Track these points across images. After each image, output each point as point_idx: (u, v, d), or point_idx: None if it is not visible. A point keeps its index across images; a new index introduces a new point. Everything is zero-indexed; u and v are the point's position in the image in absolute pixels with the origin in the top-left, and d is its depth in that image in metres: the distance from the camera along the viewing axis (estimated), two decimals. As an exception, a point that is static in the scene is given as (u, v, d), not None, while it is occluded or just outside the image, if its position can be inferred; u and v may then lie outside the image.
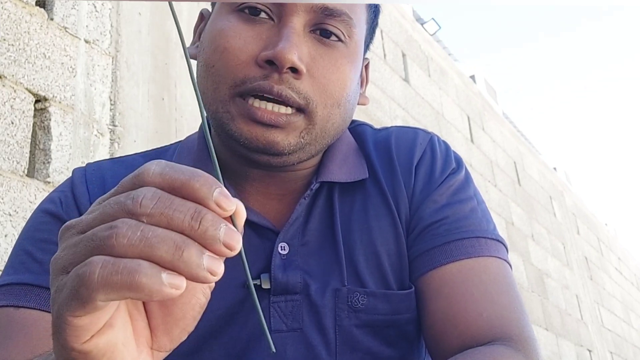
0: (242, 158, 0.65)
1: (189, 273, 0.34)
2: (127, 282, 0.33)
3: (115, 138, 1.69)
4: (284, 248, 0.65)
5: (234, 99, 0.60)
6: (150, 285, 0.33)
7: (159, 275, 0.33)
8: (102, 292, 0.34)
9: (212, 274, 0.35)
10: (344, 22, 0.63)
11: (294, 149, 0.61)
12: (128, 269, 0.33)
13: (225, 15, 0.63)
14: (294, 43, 0.59)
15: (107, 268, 0.33)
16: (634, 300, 8.45)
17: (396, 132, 0.75)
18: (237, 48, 0.60)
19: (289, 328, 0.63)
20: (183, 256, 0.34)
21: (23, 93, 1.46)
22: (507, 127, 5.51)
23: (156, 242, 0.34)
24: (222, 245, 0.35)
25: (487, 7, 54.23)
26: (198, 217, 0.35)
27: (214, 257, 0.35)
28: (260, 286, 0.63)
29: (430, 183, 0.70)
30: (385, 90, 3.36)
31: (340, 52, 0.63)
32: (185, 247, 0.34)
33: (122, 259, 0.34)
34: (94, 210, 0.37)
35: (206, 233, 0.34)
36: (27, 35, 1.50)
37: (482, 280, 0.63)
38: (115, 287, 0.33)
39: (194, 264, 0.34)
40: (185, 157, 0.70)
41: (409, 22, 4.01)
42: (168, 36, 1.99)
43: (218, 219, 0.35)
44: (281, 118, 0.59)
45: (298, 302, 0.64)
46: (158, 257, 0.34)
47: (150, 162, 0.37)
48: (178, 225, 0.34)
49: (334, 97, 0.62)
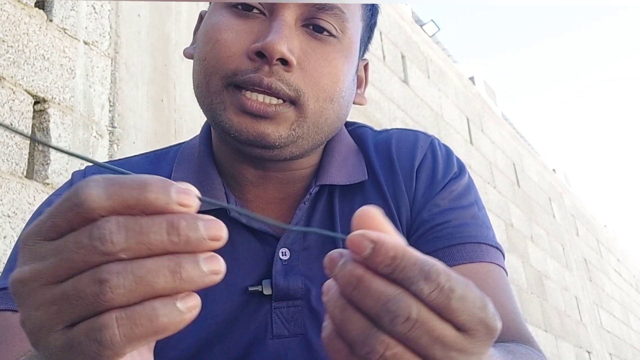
0: (239, 154, 0.65)
1: (196, 286, 0.33)
2: (151, 329, 0.32)
3: (114, 139, 1.68)
4: (285, 254, 0.65)
5: (227, 89, 0.61)
6: (172, 320, 0.32)
7: (175, 307, 0.33)
8: (129, 347, 0.32)
9: (216, 273, 0.34)
10: (336, 16, 0.63)
11: (285, 142, 0.61)
12: (146, 317, 0.32)
13: (218, 10, 0.64)
14: (283, 34, 0.59)
15: (125, 324, 0.32)
16: (633, 301, 8.45)
17: (397, 135, 0.75)
18: (229, 41, 0.61)
19: (291, 333, 0.63)
20: (183, 277, 0.33)
21: (22, 94, 1.46)
22: (506, 129, 5.51)
23: (152, 278, 0.32)
24: (209, 241, 0.34)
25: (486, 7, 54.15)
26: (173, 229, 0.33)
27: (209, 258, 0.34)
28: (261, 292, 0.63)
29: (432, 186, 0.70)
30: (385, 91, 3.36)
31: (332, 47, 0.63)
32: (180, 267, 0.33)
33: (134, 308, 0.32)
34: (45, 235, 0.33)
35: (189, 240, 0.33)
36: (26, 37, 1.50)
37: (488, 285, 0.64)
38: (141, 338, 0.32)
39: (196, 276, 0.33)
40: (186, 165, 0.70)
41: (408, 23, 4.01)
42: (167, 37, 1.99)
43: (191, 220, 0.33)
44: (270, 108, 0.59)
45: (300, 307, 0.63)
46: (161, 290, 0.32)
47: (85, 183, 0.33)
48: (160, 248, 0.33)
49: (326, 91, 0.62)
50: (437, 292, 0.34)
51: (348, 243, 0.36)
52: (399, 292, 0.34)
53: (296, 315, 0.63)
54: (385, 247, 0.35)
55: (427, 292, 0.34)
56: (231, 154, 0.67)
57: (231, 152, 0.67)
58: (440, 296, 0.34)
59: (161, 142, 1.82)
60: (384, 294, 0.34)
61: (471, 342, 0.35)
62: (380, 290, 0.35)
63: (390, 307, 0.34)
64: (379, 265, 0.35)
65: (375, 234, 0.36)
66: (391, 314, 0.34)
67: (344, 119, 0.68)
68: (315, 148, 0.66)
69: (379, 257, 0.35)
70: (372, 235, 0.35)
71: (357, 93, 0.72)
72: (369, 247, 0.35)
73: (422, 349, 0.35)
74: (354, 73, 0.68)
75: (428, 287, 0.34)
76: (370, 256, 0.35)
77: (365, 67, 0.75)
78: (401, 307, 0.34)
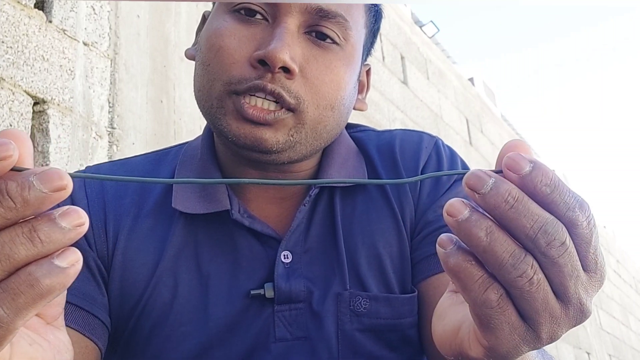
0: (239, 157, 0.65)
1: (63, 244, 0.32)
2: (35, 294, 0.32)
3: (113, 140, 1.68)
4: (287, 256, 0.65)
5: (229, 95, 0.61)
6: (54, 279, 0.32)
7: (53, 265, 0.32)
8: (19, 319, 0.32)
9: (79, 225, 0.32)
10: (339, 24, 0.62)
11: (283, 147, 0.61)
12: (24, 284, 0.32)
13: (221, 15, 0.64)
14: (286, 43, 0.59)
15: (5, 298, 0.31)
16: (633, 302, 8.45)
17: (400, 136, 0.74)
18: (231, 47, 0.61)
19: (294, 337, 0.63)
20: (43, 240, 0.32)
21: (22, 95, 1.46)
22: (505, 130, 5.51)
23: (10, 250, 0.31)
24: (53, 194, 0.32)
25: (486, 7, 54.14)
26: (2, 196, 0.31)
27: (64, 213, 0.32)
28: (264, 295, 0.63)
29: (437, 188, 0.69)
30: (384, 92, 3.36)
31: (335, 55, 0.63)
32: (36, 231, 0.32)
33: (8, 280, 0.32)
34: None
35: (28, 202, 0.31)
36: (26, 38, 1.50)
37: None
38: (28, 306, 0.32)
39: (59, 235, 0.32)
40: (189, 166, 0.70)
41: (408, 24, 4.01)
42: (167, 38, 1.99)
43: (22, 179, 0.31)
44: (269, 116, 0.59)
45: (302, 310, 0.63)
46: (26, 258, 0.32)
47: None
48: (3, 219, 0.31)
49: (327, 99, 0.62)
50: (586, 223, 0.35)
51: (507, 161, 0.36)
52: (553, 217, 0.35)
53: (299, 318, 0.63)
54: (545, 167, 0.35)
55: (582, 220, 0.35)
56: (232, 156, 0.67)
57: (231, 154, 0.67)
58: (588, 228, 0.36)
59: (160, 143, 1.81)
60: (543, 215, 0.35)
61: (587, 291, 0.37)
62: (538, 212, 0.35)
63: (548, 229, 0.35)
64: (538, 184, 0.35)
65: (532, 157, 0.36)
66: (549, 236, 0.35)
67: (343, 125, 0.68)
68: (314, 153, 0.66)
69: (538, 175, 0.35)
70: (530, 156, 0.36)
71: (358, 99, 0.72)
72: (529, 165, 0.35)
73: (562, 278, 0.36)
74: (356, 80, 0.68)
75: (583, 216, 0.35)
76: (530, 174, 0.35)
77: (367, 72, 0.74)
78: (558, 230, 0.35)
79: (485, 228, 0.36)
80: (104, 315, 0.62)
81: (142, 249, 0.65)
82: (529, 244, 0.35)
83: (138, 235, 0.66)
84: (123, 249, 0.65)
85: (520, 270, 0.35)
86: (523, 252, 0.35)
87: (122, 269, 0.64)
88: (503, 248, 0.35)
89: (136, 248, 0.65)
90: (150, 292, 0.64)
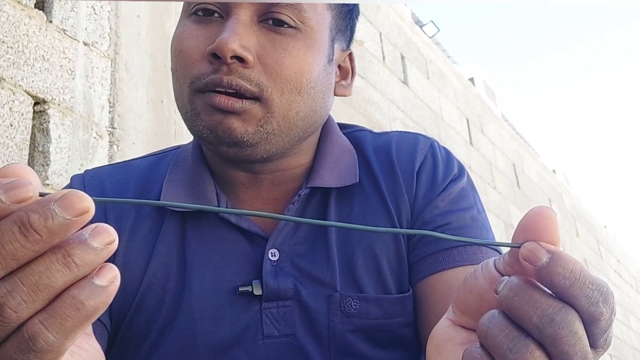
0: (223, 159, 0.66)
1: (97, 264, 0.32)
2: (82, 316, 0.32)
3: (114, 140, 1.68)
4: (274, 254, 0.65)
5: (196, 95, 0.61)
6: (97, 299, 0.32)
7: (94, 286, 0.32)
8: (68, 341, 0.32)
9: (110, 242, 0.32)
10: (292, 8, 0.62)
11: (254, 139, 0.61)
12: (70, 307, 0.31)
13: (182, 20, 0.65)
14: (235, 32, 0.59)
15: (53, 323, 0.31)
16: (633, 302, 8.45)
17: (396, 137, 0.75)
18: (190, 48, 0.62)
19: (281, 334, 0.63)
20: (78, 264, 0.31)
21: (22, 95, 1.46)
22: (506, 130, 5.51)
23: (48, 279, 0.31)
24: (78, 218, 0.31)
25: (485, 8, 54.15)
26: (26, 229, 0.30)
27: (93, 233, 0.32)
28: (252, 292, 0.63)
29: (433, 188, 0.70)
30: (384, 92, 3.36)
31: (292, 38, 0.62)
32: (70, 256, 0.31)
33: (53, 305, 0.31)
34: None
35: (54, 231, 0.30)
36: (26, 38, 1.50)
37: None
38: (76, 328, 0.32)
39: (92, 256, 0.32)
40: (180, 168, 0.71)
41: (408, 24, 4.01)
42: (167, 38, 1.99)
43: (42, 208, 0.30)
44: (237, 104, 0.60)
45: (290, 307, 0.64)
46: (64, 284, 0.31)
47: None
48: (32, 249, 0.30)
49: (291, 83, 0.61)
50: (608, 315, 0.35)
51: (523, 251, 0.36)
52: (562, 305, 0.35)
53: (286, 315, 0.63)
54: (564, 258, 0.35)
55: (605, 315, 0.35)
56: (218, 159, 0.68)
57: (218, 157, 0.68)
58: (609, 320, 0.35)
59: (161, 143, 1.82)
60: (549, 304, 0.35)
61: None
62: (544, 300, 0.35)
63: (556, 317, 0.34)
64: (556, 277, 0.34)
65: (552, 246, 0.36)
66: (556, 325, 0.34)
67: (322, 112, 0.67)
68: (295, 144, 0.66)
69: (556, 267, 0.35)
70: (549, 246, 0.36)
71: (340, 84, 0.71)
72: (546, 256, 0.35)
73: (563, 356, 0.35)
74: (325, 63, 0.66)
75: (607, 310, 0.35)
76: (547, 266, 0.35)
77: (350, 58, 0.74)
78: (566, 319, 0.34)
79: (489, 316, 0.37)
80: (105, 317, 0.63)
81: (142, 250, 0.66)
82: (531, 329, 0.35)
83: (138, 237, 0.67)
84: (124, 250, 0.65)
85: (518, 353, 0.35)
86: (522, 336, 0.35)
87: (123, 270, 0.65)
88: (503, 333, 0.36)
89: (136, 249, 0.66)
90: (145, 288, 0.65)
